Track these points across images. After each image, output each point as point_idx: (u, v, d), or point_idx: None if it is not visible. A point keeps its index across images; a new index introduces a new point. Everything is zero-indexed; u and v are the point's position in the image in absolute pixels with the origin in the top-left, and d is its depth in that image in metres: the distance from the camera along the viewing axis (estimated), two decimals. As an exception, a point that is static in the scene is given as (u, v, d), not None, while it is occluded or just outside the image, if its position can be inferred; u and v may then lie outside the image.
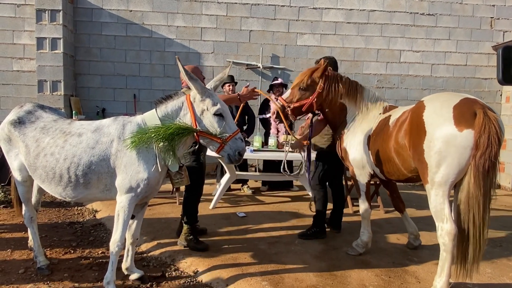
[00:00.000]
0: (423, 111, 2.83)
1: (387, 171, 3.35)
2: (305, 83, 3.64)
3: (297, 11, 7.47)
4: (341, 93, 3.65)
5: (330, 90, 3.63)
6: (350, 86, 3.67)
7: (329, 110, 3.75)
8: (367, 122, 3.55)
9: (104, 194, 2.89)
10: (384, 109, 3.56)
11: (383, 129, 3.32)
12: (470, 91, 7.78)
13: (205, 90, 2.77)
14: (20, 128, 2.96)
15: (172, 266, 3.46)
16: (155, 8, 7.26)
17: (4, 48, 7.02)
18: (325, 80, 3.62)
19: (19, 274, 3.21)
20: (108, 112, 7.19)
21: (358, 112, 3.65)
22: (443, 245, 2.74)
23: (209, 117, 2.74)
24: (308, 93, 3.64)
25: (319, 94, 3.62)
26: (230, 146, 2.74)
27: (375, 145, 3.37)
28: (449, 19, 7.67)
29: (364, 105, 3.64)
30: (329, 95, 3.63)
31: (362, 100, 3.66)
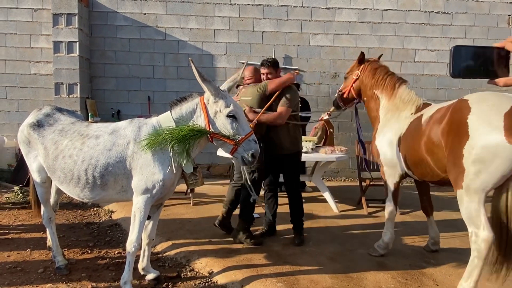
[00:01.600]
0: (467, 113, 2.60)
1: (420, 173, 3.27)
2: (347, 72, 4.02)
3: (310, 12, 7.44)
4: (372, 83, 3.72)
5: (363, 78, 3.81)
6: (383, 78, 3.67)
7: (366, 99, 3.87)
8: (398, 121, 3.47)
9: (121, 195, 2.93)
10: (417, 108, 3.43)
11: (415, 129, 3.22)
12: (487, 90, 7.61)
13: (219, 91, 2.78)
14: (39, 130, 3.02)
15: (187, 267, 3.48)
16: (168, 10, 7.33)
17: (22, 52, 7.19)
18: (361, 69, 3.83)
19: (38, 273, 3.27)
20: (123, 114, 7.29)
21: (390, 108, 3.59)
22: (477, 251, 2.62)
23: (222, 118, 2.74)
24: (348, 81, 3.99)
25: (354, 81, 3.88)
26: (243, 148, 2.74)
27: (406, 146, 3.29)
28: (465, 17, 7.54)
29: (395, 103, 3.56)
30: (362, 83, 3.81)
31: (394, 97, 3.60)
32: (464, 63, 1.41)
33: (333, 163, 5.85)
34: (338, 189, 6.54)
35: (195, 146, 2.80)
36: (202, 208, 5.24)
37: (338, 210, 5.20)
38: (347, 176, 7.71)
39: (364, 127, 7.67)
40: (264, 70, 3.97)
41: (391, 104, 3.59)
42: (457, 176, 2.67)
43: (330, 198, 5.28)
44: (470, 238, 2.66)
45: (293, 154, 4.03)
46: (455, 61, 1.40)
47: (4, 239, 4.04)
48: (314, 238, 4.15)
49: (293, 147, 4.02)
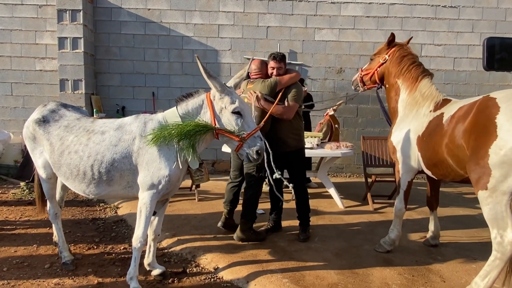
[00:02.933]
0: (496, 112, 2.49)
1: (441, 174, 3.18)
2: (374, 54, 3.81)
3: (315, 6, 7.38)
4: (396, 71, 3.52)
5: (389, 64, 3.60)
6: (408, 68, 3.47)
7: (388, 87, 3.70)
8: (416, 119, 3.33)
9: (127, 191, 2.94)
10: (435, 105, 3.27)
11: (435, 129, 3.09)
12: (494, 85, 7.55)
13: (224, 88, 2.77)
14: (45, 126, 3.02)
15: (193, 262, 3.48)
16: (172, 6, 7.30)
17: (27, 48, 7.20)
18: (390, 53, 3.61)
19: (45, 269, 3.29)
20: (128, 110, 7.29)
21: (409, 102, 3.43)
22: (501, 253, 2.54)
23: (227, 115, 2.74)
24: (374, 63, 3.78)
25: (380, 65, 3.67)
26: (248, 145, 2.73)
27: (426, 147, 3.17)
28: (472, 11, 7.44)
29: (415, 97, 3.39)
30: (387, 69, 3.61)
31: (414, 90, 3.40)
32: (498, 55, 1.36)
33: (339, 159, 5.82)
34: (344, 185, 6.52)
35: (200, 142, 2.80)
36: (207, 204, 5.24)
37: (343, 206, 5.18)
38: (352, 172, 7.67)
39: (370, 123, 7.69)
40: (276, 64, 3.86)
41: (411, 97, 3.42)
42: (480, 177, 2.57)
43: (335, 194, 5.26)
44: (494, 239, 2.57)
45: (298, 150, 4.01)
46: (489, 53, 1.35)
47: (11, 234, 4.07)
48: (320, 234, 4.14)
49: (297, 143, 3.99)
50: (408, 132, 3.36)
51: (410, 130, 3.34)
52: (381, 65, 3.68)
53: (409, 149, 3.34)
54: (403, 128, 3.42)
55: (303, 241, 3.91)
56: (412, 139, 3.31)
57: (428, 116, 3.25)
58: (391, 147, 3.59)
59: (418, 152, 3.26)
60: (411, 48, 3.70)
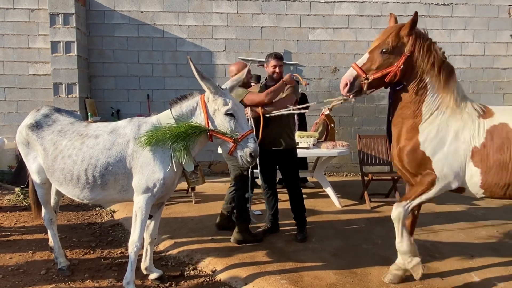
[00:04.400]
0: None
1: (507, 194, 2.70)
2: (391, 44, 2.75)
3: (309, 6, 7.38)
4: (426, 66, 2.75)
5: (421, 55, 2.74)
6: (443, 62, 2.79)
7: (406, 85, 2.83)
8: (465, 126, 2.72)
9: (121, 195, 2.92)
10: (478, 110, 2.76)
11: (503, 142, 2.61)
12: (488, 82, 7.60)
13: (218, 89, 2.77)
14: (38, 131, 2.99)
15: (191, 265, 3.47)
16: (166, 8, 7.26)
17: (20, 52, 7.14)
18: (415, 40, 2.74)
19: (41, 275, 3.26)
20: (123, 113, 7.25)
21: (444, 105, 2.76)
22: None
23: (220, 116, 2.74)
24: (392, 58, 2.76)
25: (407, 60, 2.74)
26: (242, 147, 2.72)
27: (493, 161, 2.63)
28: (465, 8, 7.47)
29: (454, 99, 2.74)
30: (418, 62, 2.75)
31: (453, 90, 2.76)
32: None
33: (335, 158, 5.81)
34: (340, 184, 6.52)
35: (195, 144, 2.79)
36: (204, 206, 5.22)
37: (340, 205, 5.18)
38: (349, 171, 7.68)
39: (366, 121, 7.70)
40: (278, 62, 3.90)
41: (447, 98, 2.76)
42: None
43: (332, 193, 5.26)
44: None
45: (291, 149, 4.01)
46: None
47: (6, 241, 4.03)
48: (317, 234, 4.13)
49: (290, 142, 3.99)
50: (455, 141, 2.71)
51: (461, 140, 2.70)
52: (407, 58, 2.74)
53: (459, 162, 2.71)
54: (440, 134, 2.74)
55: (301, 241, 3.90)
56: (465, 150, 2.70)
57: (479, 123, 2.71)
58: (419, 157, 2.79)
59: (475, 168, 2.67)
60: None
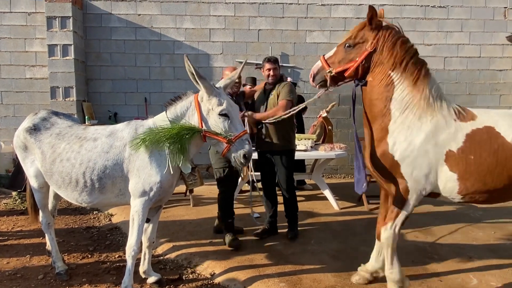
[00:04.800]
0: None
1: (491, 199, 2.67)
2: (353, 39, 2.74)
3: (306, 8, 7.40)
4: (391, 61, 2.64)
5: (383, 50, 2.65)
6: (412, 56, 2.66)
7: (371, 81, 2.74)
8: (437, 128, 2.59)
9: (119, 199, 2.91)
10: (457, 113, 2.63)
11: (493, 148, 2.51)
12: (484, 83, 7.63)
13: (213, 89, 2.74)
14: (36, 135, 2.98)
15: (189, 269, 3.46)
16: (163, 11, 7.27)
17: (17, 56, 7.13)
18: (379, 36, 2.67)
19: (38, 280, 3.24)
20: (120, 116, 7.23)
21: (414, 104, 2.61)
22: None
23: (214, 116, 2.71)
24: (354, 53, 2.74)
25: (369, 55, 2.69)
26: (236, 148, 2.68)
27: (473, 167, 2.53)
28: (461, 11, 7.52)
29: (425, 97, 2.60)
30: (382, 58, 2.66)
31: (424, 88, 2.61)
32: None
33: (333, 160, 5.83)
34: (338, 186, 6.52)
35: (189, 145, 2.76)
36: (202, 209, 5.21)
37: (338, 207, 5.18)
38: (346, 173, 7.69)
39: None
40: (271, 65, 3.96)
41: (418, 97, 2.61)
42: None
43: (330, 195, 5.26)
44: None
45: (285, 151, 4.00)
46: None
47: (3, 245, 4.00)
48: (316, 236, 4.13)
49: (284, 144, 3.98)
50: (426, 143, 2.59)
51: (432, 143, 2.59)
52: (368, 54, 2.69)
53: (431, 165, 2.60)
54: (410, 137, 2.62)
55: (292, 239, 3.97)
56: (436, 153, 2.59)
57: (456, 126, 2.59)
58: (389, 161, 2.69)
59: (450, 172, 2.58)
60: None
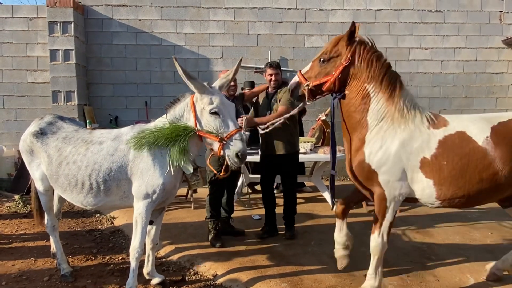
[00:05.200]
0: None
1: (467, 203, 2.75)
2: (328, 54, 2.83)
3: (304, 13, 7.50)
4: (366, 74, 2.75)
5: (359, 64, 2.77)
6: (386, 70, 2.78)
7: (349, 94, 2.83)
8: (411, 136, 2.69)
9: (123, 201, 2.96)
10: (428, 120, 2.73)
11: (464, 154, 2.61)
12: (481, 86, 7.74)
13: (204, 88, 2.77)
14: (42, 138, 3.05)
15: (192, 270, 3.51)
16: (163, 16, 7.36)
17: (19, 60, 7.19)
18: (354, 50, 2.77)
19: (44, 281, 3.29)
20: (121, 120, 7.30)
21: (389, 115, 2.73)
22: None
23: (206, 115, 2.73)
24: (330, 67, 2.83)
25: (345, 69, 2.78)
26: (229, 147, 2.68)
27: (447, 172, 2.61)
28: (457, 15, 7.63)
29: (398, 109, 2.71)
30: (357, 72, 2.78)
31: (398, 100, 2.73)
32: None
33: (332, 163, 5.88)
34: (338, 188, 6.49)
35: (190, 145, 2.79)
36: (203, 211, 5.20)
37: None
38: (346, 175, 7.74)
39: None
40: (273, 71, 4.04)
41: (393, 108, 2.73)
42: None
43: (329, 197, 5.31)
44: None
45: (290, 154, 4.08)
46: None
47: (7, 248, 4.05)
48: (316, 237, 4.19)
49: (290, 148, 4.07)
50: (401, 152, 2.67)
51: (407, 151, 2.67)
52: (344, 68, 2.79)
53: (406, 173, 2.70)
54: (384, 146, 2.70)
55: (290, 237, 4.08)
56: (411, 161, 2.67)
57: (429, 133, 2.69)
58: (366, 170, 2.76)
59: (426, 179, 2.66)
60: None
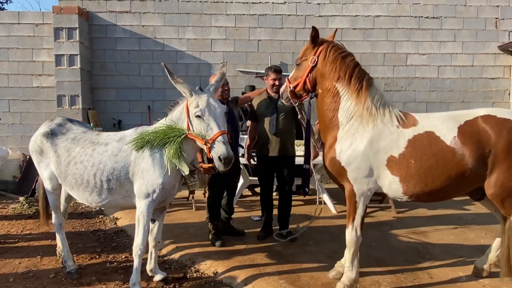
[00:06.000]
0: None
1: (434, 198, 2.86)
2: (299, 57, 3.08)
3: (304, 20, 7.66)
4: (333, 73, 2.89)
5: (325, 65, 2.92)
6: (347, 67, 2.89)
7: (321, 93, 3.02)
8: (380, 135, 2.79)
9: (126, 200, 3.09)
10: (398, 119, 2.83)
11: (433, 152, 2.69)
12: (478, 91, 7.87)
13: (192, 92, 2.86)
14: (52, 139, 3.20)
15: (193, 268, 3.62)
16: (166, 22, 7.53)
17: (24, 65, 7.36)
18: (319, 52, 2.95)
19: (50, 278, 3.41)
20: (124, 124, 7.45)
21: (358, 113, 2.85)
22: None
23: (193, 118, 2.81)
24: (302, 70, 3.06)
25: (311, 70, 2.98)
26: (214, 150, 2.70)
27: (414, 170, 2.71)
28: (454, 21, 7.78)
29: (367, 107, 2.83)
30: (319, 71, 2.96)
31: (364, 98, 2.84)
32: None
33: (330, 165, 5.99)
34: (336, 191, 6.61)
35: (186, 147, 2.89)
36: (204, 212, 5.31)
37: (336, 211, 5.35)
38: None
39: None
40: (277, 76, 4.17)
41: (361, 107, 2.84)
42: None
43: (328, 199, 5.44)
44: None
45: (291, 156, 4.23)
46: None
47: (14, 247, 4.17)
48: (314, 238, 4.30)
49: (291, 150, 4.23)
50: (369, 150, 2.79)
51: (374, 149, 2.79)
52: (311, 69, 2.98)
53: (373, 170, 2.82)
54: (354, 144, 2.84)
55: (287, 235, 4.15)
56: (380, 160, 2.79)
57: (398, 133, 2.79)
58: (336, 167, 2.91)
59: (392, 176, 2.78)
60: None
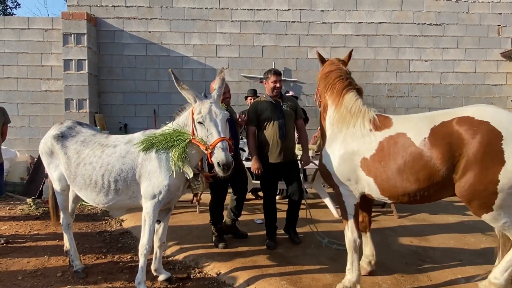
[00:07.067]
0: (500, 139, 2.51)
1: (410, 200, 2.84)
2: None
3: (307, 26, 7.77)
4: (323, 88, 3.27)
5: (321, 79, 3.32)
6: (333, 82, 3.18)
7: (322, 106, 3.36)
8: (353, 138, 2.95)
9: (132, 201, 3.18)
10: (373, 123, 2.94)
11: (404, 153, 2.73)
12: (480, 98, 7.91)
13: (196, 98, 2.93)
14: (62, 141, 3.31)
15: (196, 269, 3.70)
16: (172, 28, 7.67)
17: (33, 70, 7.52)
18: (321, 69, 3.38)
19: (57, 277, 3.50)
20: (130, 128, 7.57)
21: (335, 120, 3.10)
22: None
23: (196, 124, 2.88)
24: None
25: (319, 84, 3.37)
26: (214, 155, 2.73)
27: (383, 171, 2.79)
28: (457, 28, 7.85)
29: (341, 113, 3.06)
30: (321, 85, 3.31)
31: (340, 105, 3.09)
32: None
33: (333, 170, 6.05)
34: None
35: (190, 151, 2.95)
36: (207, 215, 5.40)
37: (338, 215, 5.40)
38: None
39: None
40: (278, 78, 4.26)
41: (338, 113, 3.09)
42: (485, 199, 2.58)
43: (330, 203, 5.50)
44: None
45: (295, 161, 4.30)
46: None
47: (22, 247, 4.27)
48: (316, 240, 4.34)
49: (295, 155, 4.32)
50: (345, 154, 2.95)
51: (348, 152, 2.94)
52: (319, 84, 3.39)
53: (349, 173, 2.95)
54: (335, 149, 3.02)
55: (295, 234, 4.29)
56: (355, 162, 2.91)
57: (371, 135, 2.90)
58: (324, 172, 3.11)
59: (367, 177, 2.88)
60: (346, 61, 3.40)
